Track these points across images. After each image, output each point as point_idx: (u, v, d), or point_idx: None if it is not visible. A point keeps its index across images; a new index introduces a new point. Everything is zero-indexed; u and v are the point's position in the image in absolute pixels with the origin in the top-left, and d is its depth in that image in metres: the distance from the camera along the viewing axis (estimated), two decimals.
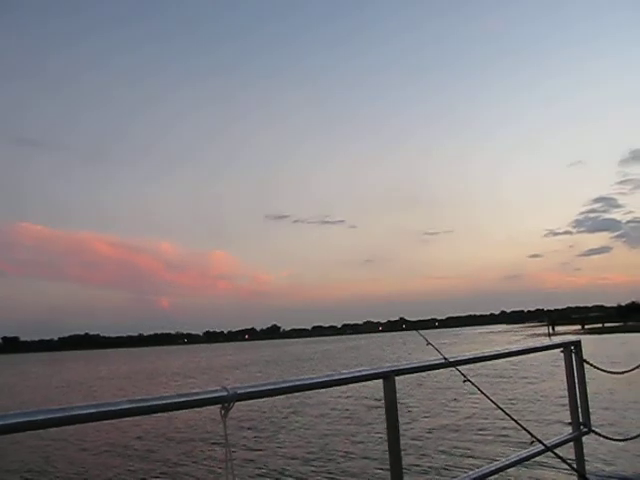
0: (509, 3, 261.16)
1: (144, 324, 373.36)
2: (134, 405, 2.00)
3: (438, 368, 3.45)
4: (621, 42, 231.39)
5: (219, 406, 2.20)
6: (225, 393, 2.22)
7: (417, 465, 11.25)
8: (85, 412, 1.88)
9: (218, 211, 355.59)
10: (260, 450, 13.82)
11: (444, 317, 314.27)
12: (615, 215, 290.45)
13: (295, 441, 14.76)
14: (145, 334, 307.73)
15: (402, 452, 3.02)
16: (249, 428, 16.84)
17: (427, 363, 3.41)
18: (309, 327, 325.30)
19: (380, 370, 3.05)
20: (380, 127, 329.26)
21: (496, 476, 3.58)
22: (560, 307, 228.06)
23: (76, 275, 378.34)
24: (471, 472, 3.38)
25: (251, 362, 58.55)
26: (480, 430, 14.25)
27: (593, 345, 43.15)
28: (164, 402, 2.11)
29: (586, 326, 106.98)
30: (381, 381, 3.03)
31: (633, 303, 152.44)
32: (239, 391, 2.27)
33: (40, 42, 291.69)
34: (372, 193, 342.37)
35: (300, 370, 41.53)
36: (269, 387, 2.51)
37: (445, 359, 3.41)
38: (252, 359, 65.92)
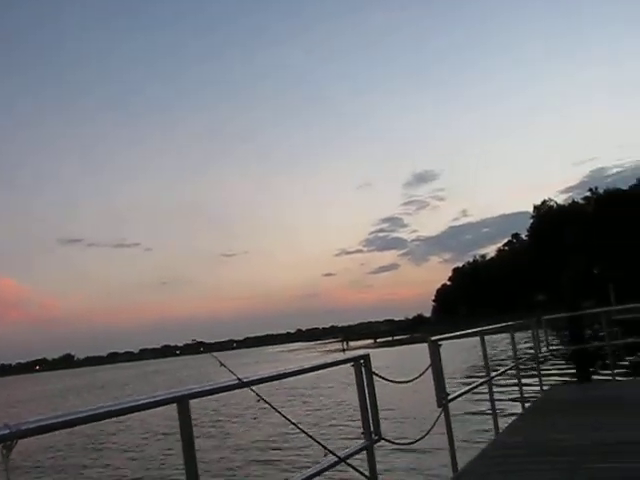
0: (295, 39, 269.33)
1: None
2: None
3: (233, 389, 3.43)
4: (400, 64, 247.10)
5: None
6: (6, 431, 2.02)
7: None
8: None
9: (6, 236, 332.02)
10: None
11: (242, 338, 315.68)
12: (401, 234, 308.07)
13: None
14: None
15: (200, 477, 2.97)
16: (37, 467, 15.78)
17: (221, 385, 3.38)
18: (104, 354, 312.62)
19: (173, 395, 2.97)
20: (178, 152, 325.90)
21: None
22: (353, 323, 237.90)
23: None
24: None
25: (38, 396, 54.99)
26: (278, 447, 14.44)
27: (384, 358, 45.37)
28: None
29: (378, 340, 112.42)
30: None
31: (419, 316, 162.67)
32: (23, 427, 2.07)
33: None
34: (168, 215, 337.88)
35: (99, 399, 39.65)
36: (57, 420, 2.32)
37: (239, 380, 3.40)
38: (42, 390, 61.96)
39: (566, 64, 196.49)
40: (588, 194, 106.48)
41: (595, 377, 14.12)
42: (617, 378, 12.09)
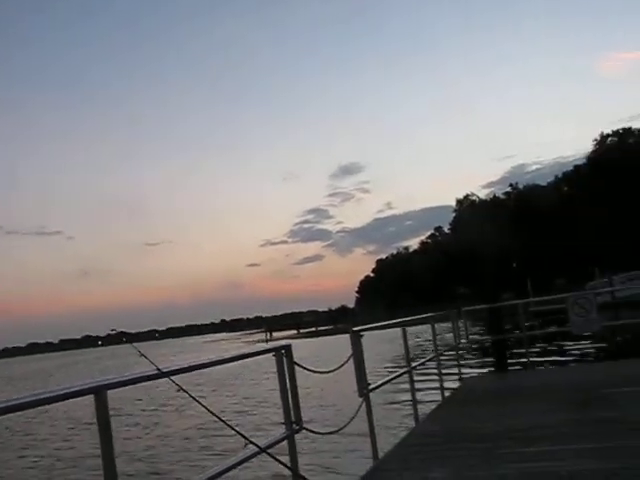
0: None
1: None
2: None
3: (152, 379, 3.37)
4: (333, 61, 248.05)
5: None
6: None
7: (136, 478, 11.02)
8: None
9: None
10: None
11: (165, 328, 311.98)
12: (326, 226, 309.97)
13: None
14: None
15: (117, 469, 2.90)
16: None
17: (140, 375, 3.31)
18: (23, 344, 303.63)
19: (90, 385, 2.89)
20: (99, 140, 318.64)
21: None
22: (277, 314, 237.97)
23: None
24: None
25: None
26: (198, 439, 14.34)
27: (308, 348, 45.55)
28: None
29: (301, 330, 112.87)
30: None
31: (343, 307, 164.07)
32: None
33: None
34: (91, 203, 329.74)
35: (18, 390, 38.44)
36: None
37: (159, 370, 3.34)
38: None
39: (487, 62, 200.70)
40: (509, 189, 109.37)
41: (512, 367, 14.55)
42: (532, 367, 12.45)
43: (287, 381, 4.55)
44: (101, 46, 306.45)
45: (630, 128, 76.85)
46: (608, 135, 78.27)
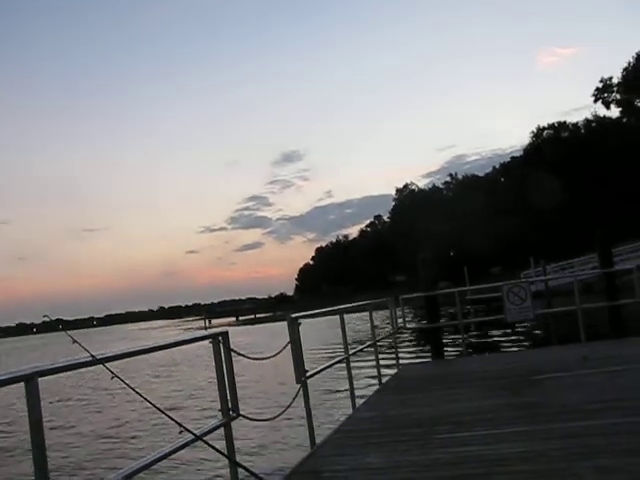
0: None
1: None
2: None
3: (86, 366, 3.31)
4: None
5: None
6: None
7: (68, 467, 10.86)
8: None
9: None
10: None
11: (103, 315, 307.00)
12: (266, 213, 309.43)
13: None
14: None
15: (49, 457, 2.84)
16: None
17: (74, 362, 3.24)
18: None
19: (20, 373, 2.82)
20: (34, 123, 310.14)
21: (148, 471, 3.56)
22: (216, 300, 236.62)
23: None
24: (122, 470, 3.31)
25: None
26: (134, 426, 14.20)
27: (246, 335, 45.48)
28: None
29: (240, 318, 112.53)
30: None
31: (281, 294, 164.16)
32: None
33: None
34: (27, 188, 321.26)
35: None
36: None
37: (93, 357, 3.29)
38: None
39: (430, 54, 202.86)
40: (448, 179, 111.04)
41: (448, 354, 14.81)
42: (467, 354, 12.71)
43: (224, 368, 4.54)
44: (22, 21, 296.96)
45: (565, 122, 78.82)
46: (544, 128, 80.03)
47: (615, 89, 72.64)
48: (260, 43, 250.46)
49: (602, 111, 74.55)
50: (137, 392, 3.40)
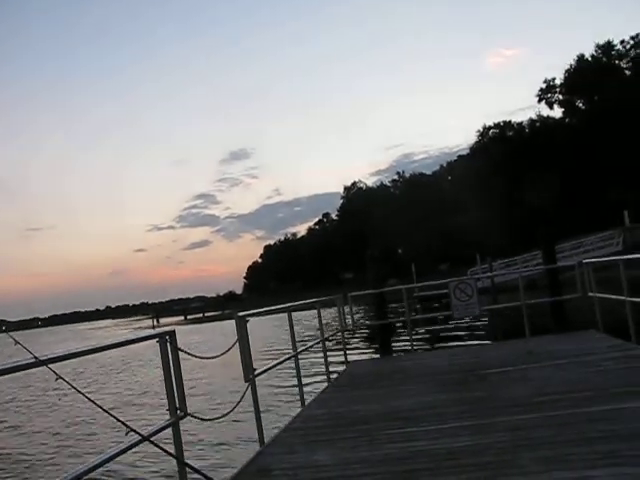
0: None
1: None
2: None
3: (29, 368, 3.23)
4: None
5: None
6: None
7: (11, 471, 10.64)
8: None
9: None
10: None
11: (48, 315, 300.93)
12: (214, 211, 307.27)
13: None
14: None
15: None
16: None
17: (16, 364, 3.16)
18: None
19: None
20: None
21: (94, 474, 3.50)
22: (164, 300, 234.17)
23: None
24: (65, 475, 3.24)
25: None
26: (81, 428, 13.98)
27: (195, 334, 45.14)
28: None
29: (189, 316, 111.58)
30: None
31: (230, 293, 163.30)
32: None
33: None
34: None
35: None
36: None
37: (36, 358, 3.21)
38: None
39: (379, 54, 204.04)
40: (395, 177, 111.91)
41: (396, 350, 14.95)
42: (415, 351, 12.83)
43: (171, 367, 4.49)
44: None
45: (510, 121, 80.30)
46: (490, 127, 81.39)
47: (558, 90, 74.29)
48: (208, 42, 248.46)
49: (546, 111, 76.24)
50: (82, 393, 3.34)
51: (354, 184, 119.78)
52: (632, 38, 70.25)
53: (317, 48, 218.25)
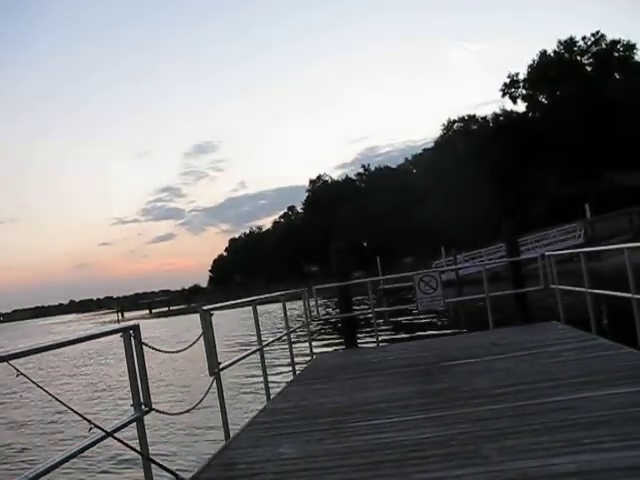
0: None
1: None
2: None
3: None
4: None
5: None
6: None
7: None
8: None
9: None
10: None
11: (10, 310, 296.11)
12: (179, 204, 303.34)
13: None
14: None
15: None
16: None
17: None
18: None
19: None
20: None
21: (58, 470, 3.46)
22: (129, 294, 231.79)
23: None
24: (27, 472, 3.19)
25: None
26: (42, 426, 13.79)
27: (160, 328, 44.79)
28: None
29: (153, 310, 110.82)
30: None
31: (195, 286, 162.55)
32: None
33: None
34: None
35: None
36: None
37: None
38: None
39: (339, 46, 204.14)
40: (361, 170, 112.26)
41: (361, 343, 15.01)
42: (380, 343, 12.90)
43: (135, 362, 4.45)
44: None
45: (474, 115, 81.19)
46: (455, 121, 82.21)
47: (521, 85, 75.23)
48: (172, 32, 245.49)
49: (509, 105, 77.17)
50: (43, 389, 3.29)
51: (319, 177, 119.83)
52: (593, 35, 71.62)
53: (285, 43, 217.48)
